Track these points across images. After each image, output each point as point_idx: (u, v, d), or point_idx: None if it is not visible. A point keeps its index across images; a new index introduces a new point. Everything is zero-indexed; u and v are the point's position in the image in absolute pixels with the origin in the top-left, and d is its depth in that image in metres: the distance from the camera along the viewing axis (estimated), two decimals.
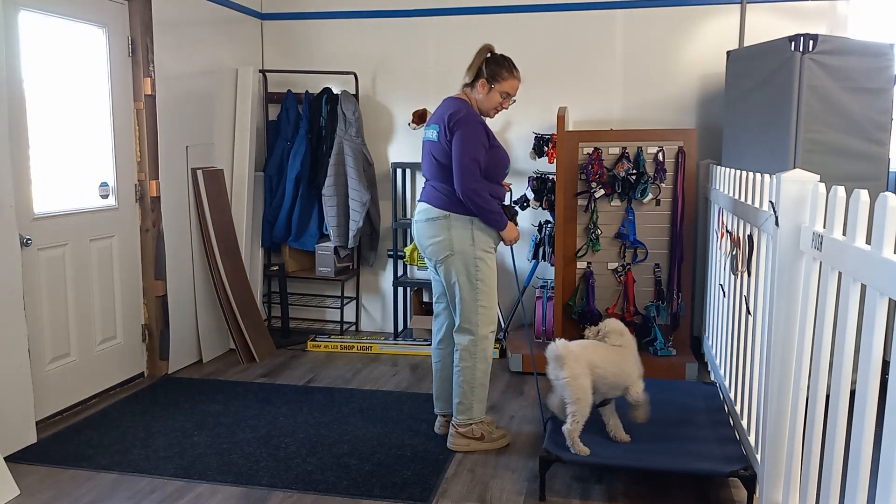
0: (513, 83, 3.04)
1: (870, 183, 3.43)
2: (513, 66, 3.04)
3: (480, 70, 3.02)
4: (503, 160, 3.06)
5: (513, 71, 3.04)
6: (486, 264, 3.04)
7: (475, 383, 3.09)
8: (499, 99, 3.04)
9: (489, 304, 3.07)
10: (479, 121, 2.98)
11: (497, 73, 3.00)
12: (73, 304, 3.57)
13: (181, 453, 3.08)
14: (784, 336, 2.28)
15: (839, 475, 1.86)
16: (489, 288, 3.06)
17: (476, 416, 3.12)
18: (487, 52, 3.05)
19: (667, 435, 2.88)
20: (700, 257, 4.37)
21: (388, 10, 4.80)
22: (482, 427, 3.13)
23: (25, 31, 3.25)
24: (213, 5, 4.46)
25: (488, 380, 3.15)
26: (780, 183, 2.25)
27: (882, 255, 1.57)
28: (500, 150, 3.05)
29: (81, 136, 3.62)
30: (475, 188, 2.91)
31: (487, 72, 3.01)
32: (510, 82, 3.03)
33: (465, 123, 2.93)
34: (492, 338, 3.12)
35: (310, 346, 4.66)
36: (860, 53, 3.39)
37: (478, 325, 3.06)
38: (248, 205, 4.70)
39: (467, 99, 3.06)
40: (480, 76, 3.02)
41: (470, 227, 3.00)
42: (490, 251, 3.06)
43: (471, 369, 3.08)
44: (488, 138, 2.98)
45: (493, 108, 3.07)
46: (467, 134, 2.92)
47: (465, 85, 3.08)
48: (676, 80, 4.51)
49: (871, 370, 1.62)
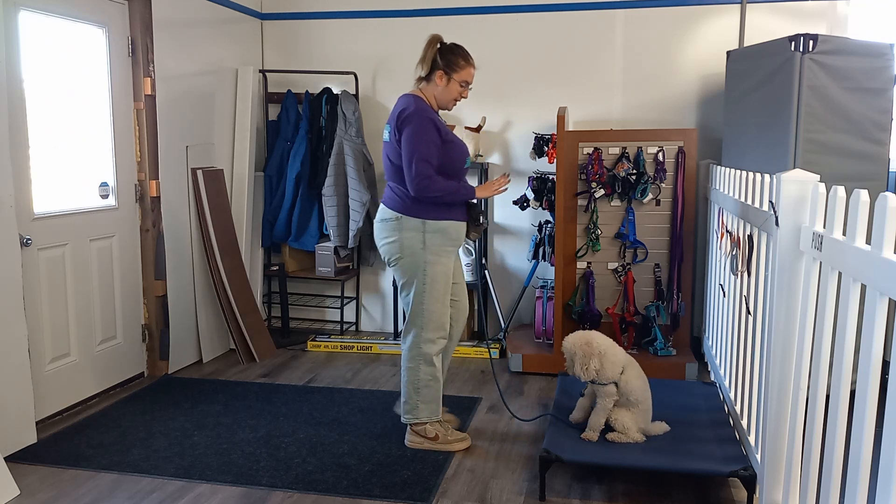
0: (469, 71, 2.98)
1: (870, 183, 3.43)
2: (468, 54, 2.98)
3: (435, 61, 2.93)
4: (459, 154, 2.97)
5: (468, 58, 2.98)
6: (437, 268, 2.98)
7: (419, 384, 3.07)
8: (458, 89, 2.98)
9: (437, 308, 3.02)
10: (428, 117, 2.87)
11: (453, 62, 2.94)
12: (73, 304, 3.57)
13: (181, 453, 3.08)
14: (784, 336, 2.28)
15: (839, 475, 1.86)
16: (439, 292, 3.00)
17: (423, 416, 3.09)
18: (438, 43, 2.96)
19: (667, 435, 2.89)
20: (700, 257, 4.37)
21: (388, 10, 4.80)
22: (436, 428, 3.11)
23: (25, 31, 3.25)
24: (213, 5, 4.46)
25: (438, 382, 3.10)
26: (780, 183, 2.25)
27: (882, 255, 1.57)
28: (455, 143, 2.97)
29: (81, 136, 3.62)
30: (426, 185, 2.84)
31: (443, 62, 2.92)
32: (467, 70, 2.96)
33: (412, 121, 2.85)
34: (439, 343, 3.07)
35: (310, 346, 4.66)
36: (860, 53, 3.39)
37: (422, 327, 3.03)
38: (248, 205, 4.70)
39: (421, 95, 2.98)
40: (437, 68, 2.93)
41: (421, 229, 2.94)
42: (443, 254, 2.98)
43: (414, 370, 3.07)
44: (440, 133, 2.89)
45: (453, 99, 2.99)
46: (415, 132, 2.84)
47: (418, 79, 3.00)
48: (676, 80, 4.52)
49: (871, 370, 1.62)
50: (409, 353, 3.08)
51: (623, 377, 2.85)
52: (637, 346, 4.15)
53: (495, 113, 4.76)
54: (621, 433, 2.81)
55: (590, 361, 2.81)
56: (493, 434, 3.30)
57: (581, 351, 2.83)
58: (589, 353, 2.83)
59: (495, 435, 3.29)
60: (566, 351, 2.90)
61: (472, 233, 3.10)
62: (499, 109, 4.76)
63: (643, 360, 3.81)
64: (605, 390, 2.85)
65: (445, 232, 2.97)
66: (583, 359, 2.82)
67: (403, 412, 3.13)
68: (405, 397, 3.11)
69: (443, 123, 2.97)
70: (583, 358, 2.82)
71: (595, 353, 2.83)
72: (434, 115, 2.93)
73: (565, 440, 2.84)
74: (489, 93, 4.76)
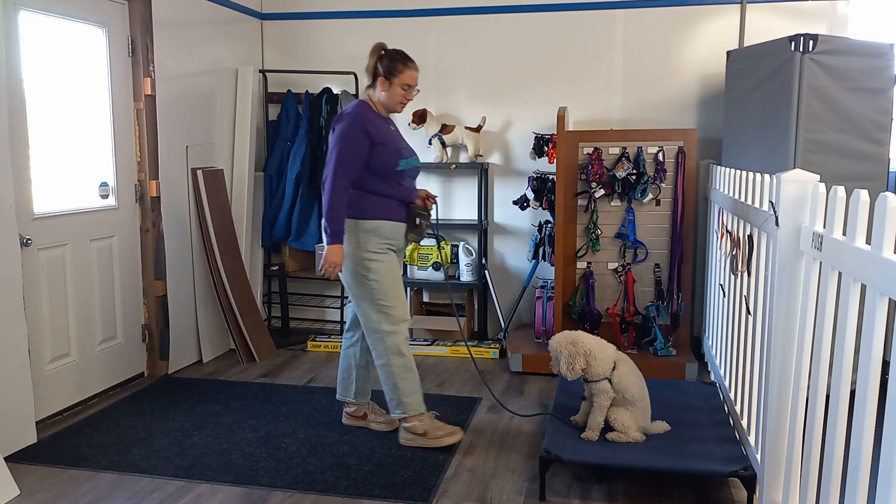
0: (410, 73, 3.05)
1: (870, 183, 3.43)
2: (406, 58, 3.06)
3: (376, 68, 3.05)
4: (389, 158, 3.00)
5: (407, 62, 3.05)
6: (379, 264, 3.03)
7: (395, 379, 3.10)
8: (401, 92, 3.05)
9: (391, 301, 3.06)
10: (358, 121, 2.95)
11: (392, 67, 3.02)
12: (73, 304, 3.57)
13: (181, 453, 3.08)
14: (784, 336, 2.28)
15: (839, 475, 1.86)
16: (388, 287, 3.04)
17: (410, 410, 3.12)
18: (381, 51, 3.07)
19: (667, 435, 2.89)
20: (700, 257, 4.37)
21: (388, 10, 4.81)
22: (424, 423, 3.13)
23: (25, 31, 3.25)
24: (213, 5, 4.46)
25: (413, 373, 3.12)
26: (780, 183, 2.25)
27: (882, 255, 1.57)
28: (387, 147, 3.01)
29: (81, 136, 3.62)
30: (334, 188, 2.91)
31: (383, 68, 3.03)
32: (407, 73, 3.04)
33: (341, 124, 2.97)
34: (402, 331, 3.10)
35: (310, 346, 4.66)
36: (860, 53, 3.39)
37: (381, 323, 3.06)
38: (248, 205, 4.70)
39: (368, 101, 3.08)
40: (378, 74, 3.05)
41: (355, 230, 3.00)
42: (382, 251, 3.04)
43: (386, 366, 3.10)
44: (369, 136, 2.95)
45: (398, 102, 3.07)
46: (339, 135, 2.95)
47: (367, 87, 3.11)
48: (676, 80, 4.52)
49: (871, 370, 1.62)
50: (376, 351, 3.11)
51: (616, 373, 2.85)
52: (637, 346, 4.16)
53: (495, 113, 4.76)
54: (621, 432, 2.82)
55: (575, 361, 2.82)
56: (493, 434, 3.30)
57: (566, 350, 2.84)
58: (574, 353, 2.83)
59: (495, 435, 3.29)
60: (552, 350, 2.91)
61: (411, 234, 3.15)
62: (499, 109, 4.76)
63: (643, 360, 3.82)
64: (598, 387, 2.85)
65: (379, 232, 3.02)
66: (568, 358, 2.83)
67: (391, 408, 3.17)
68: (387, 395, 3.15)
69: (383, 126, 3.04)
70: (568, 357, 2.83)
71: (580, 352, 2.83)
72: (370, 120, 2.99)
73: (565, 440, 2.84)
74: (489, 93, 4.76)
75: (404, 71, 3.03)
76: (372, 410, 3.36)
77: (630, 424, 2.83)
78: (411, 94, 3.10)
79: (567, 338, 2.88)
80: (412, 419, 3.13)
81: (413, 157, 3.15)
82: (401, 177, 3.07)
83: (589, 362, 2.83)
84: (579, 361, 2.82)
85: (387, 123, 3.12)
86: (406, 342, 3.12)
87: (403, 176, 3.08)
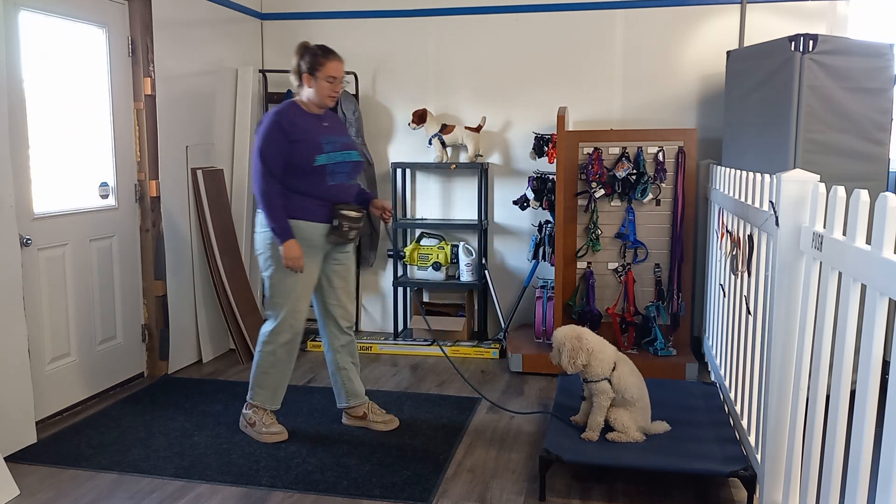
0: (332, 65, 3.06)
1: (870, 183, 3.43)
2: (328, 51, 3.08)
3: (300, 67, 3.08)
4: (306, 154, 3.01)
5: (328, 55, 3.07)
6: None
7: (259, 370, 3.20)
8: (327, 85, 3.06)
9: (289, 304, 3.10)
10: (275, 120, 3.00)
11: (313, 62, 3.04)
12: (73, 304, 3.57)
13: (181, 453, 3.08)
14: (784, 336, 2.28)
15: (839, 475, 1.86)
16: (292, 290, 3.08)
17: (256, 399, 3.22)
18: (303, 49, 3.10)
19: (667, 435, 2.89)
20: (700, 257, 4.37)
21: (388, 10, 4.80)
22: (258, 415, 3.21)
23: (25, 31, 3.25)
24: (213, 5, 4.46)
25: (278, 370, 3.18)
26: (780, 183, 2.25)
27: (882, 255, 1.57)
28: (305, 143, 3.02)
29: (81, 136, 3.62)
30: (262, 189, 2.98)
31: (305, 65, 3.06)
32: (329, 65, 3.05)
33: (263, 123, 3.03)
34: (284, 336, 3.13)
35: (310, 346, 4.65)
36: (860, 53, 3.39)
37: (275, 318, 3.13)
38: (248, 205, 4.70)
39: (298, 100, 3.12)
40: (302, 72, 3.07)
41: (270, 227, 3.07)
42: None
43: (260, 353, 3.19)
44: (286, 134, 2.99)
45: (327, 95, 3.08)
46: (259, 134, 3.02)
47: (297, 87, 3.14)
48: (676, 80, 4.52)
49: (871, 370, 1.62)
50: (262, 339, 3.19)
51: (615, 374, 2.85)
52: (637, 346, 4.16)
53: (495, 113, 4.76)
54: (621, 432, 2.82)
55: (577, 356, 2.83)
56: (493, 434, 3.30)
57: (570, 344, 2.84)
58: (577, 348, 2.83)
59: (495, 435, 3.29)
60: (555, 341, 2.91)
61: (332, 236, 3.13)
62: (499, 109, 4.76)
63: (643, 360, 3.82)
64: (598, 387, 2.84)
65: (296, 231, 3.03)
66: (571, 352, 2.83)
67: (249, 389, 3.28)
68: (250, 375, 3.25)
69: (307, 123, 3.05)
70: (571, 351, 2.83)
71: (583, 348, 2.84)
72: (289, 118, 3.02)
73: (565, 440, 2.84)
74: (489, 93, 4.76)
75: (326, 64, 3.05)
76: (371, 410, 3.36)
77: (630, 424, 2.83)
78: (339, 86, 3.11)
79: (573, 332, 2.89)
80: (252, 406, 3.24)
81: (342, 153, 3.11)
82: (321, 173, 3.05)
83: (590, 361, 2.84)
84: (581, 357, 2.83)
85: (319, 120, 3.12)
86: (291, 347, 3.17)
87: (325, 172, 3.05)
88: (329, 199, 3.09)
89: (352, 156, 3.16)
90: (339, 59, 3.09)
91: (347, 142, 3.18)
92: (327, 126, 3.14)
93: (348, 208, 3.12)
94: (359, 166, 3.22)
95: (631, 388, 2.84)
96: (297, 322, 3.14)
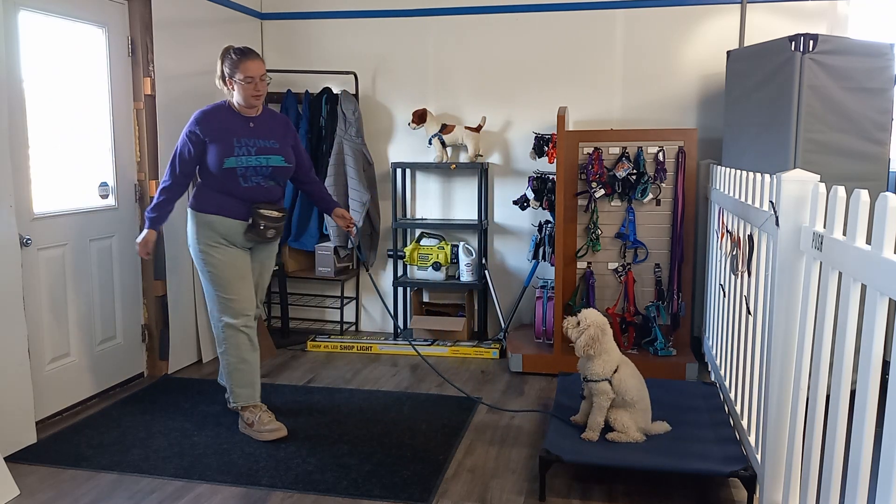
0: (247, 65, 3.08)
1: (870, 183, 3.43)
2: (243, 52, 3.10)
3: (223, 72, 3.13)
4: (216, 156, 3.09)
5: (243, 57, 3.09)
6: (215, 256, 3.16)
7: (229, 369, 3.25)
8: (247, 86, 3.09)
9: (226, 293, 3.18)
10: (194, 120, 3.12)
11: (231, 66, 3.09)
12: (72, 304, 3.57)
13: (181, 453, 3.08)
14: (784, 336, 2.28)
15: (839, 475, 1.86)
16: (224, 279, 3.16)
17: (241, 400, 3.26)
18: (224, 53, 3.13)
19: (667, 435, 2.89)
20: (700, 257, 4.37)
21: (388, 10, 4.80)
22: (251, 414, 3.25)
23: (25, 31, 3.25)
24: (213, 5, 4.46)
25: (247, 364, 3.24)
26: (780, 183, 2.25)
27: (882, 255, 1.57)
28: (218, 145, 3.09)
29: (81, 136, 3.62)
30: (162, 181, 3.19)
31: (224, 71, 3.12)
32: (244, 66, 3.07)
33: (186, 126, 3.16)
34: (239, 326, 3.20)
35: (310, 346, 4.66)
36: (860, 53, 3.39)
37: (217, 313, 3.21)
38: None
39: (231, 101, 3.18)
40: (224, 77, 3.14)
41: (195, 221, 3.17)
42: (217, 244, 3.15)
43: (223, 355, 3.26)
44: (199, 135, 3.09)
45: (250, 96, 3.11)
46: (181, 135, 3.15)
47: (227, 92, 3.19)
48: (676, 80, 4.51)
49: (871, 370, 1.62)
50: (217, 340, 3.27)
51: (616, 376, 2.85)
52: (637, 346, 4.15)
53: (495, 113, 4.76)
54: (621, 432, 2.82)
55: (594, 345, 2.85)
56: (493, 434, 3.30)
57: (595, 331, 2.87)
58: (597, 339, 2.86)
59: (495, 435, 3.29)
60: (583, 319, 2.90)
61: (248, 234, 3.18)
62: (499, 109, 4.76)
63: (643, 360, 3.82)
64: (597, 388, 2.85)
65: (212, 226, 3.14)
66: (590, 340, 2.85)
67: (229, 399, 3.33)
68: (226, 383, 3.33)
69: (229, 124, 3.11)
70: (591, 339, 2.85)
71: (602, 342, 2.86)
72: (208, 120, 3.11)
73: (565, 440, 2.84)
74: (489, 93, 4.76)
75: (240, 65, 3.07)
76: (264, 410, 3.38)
77: (630, 425, 2.83)
78: (262, 86, 3.13)
79: (602, 322, 2.91)
80: (243, 410, 3.27)
81: (256, 157, 3.13)
82: (233, 175, 3.11)
83: (598, 357, 2.85)
84: (595, 348, 2.85)
85: (246, 122, 3.16)
86: (245, 334, 3.23)
87: (236, 175, 3.11)
88: (246, 200, 3.16)
89: (270, 160, 3.17)
90: (255, 59, 3.10)
91: (271, 146, 3.18)
92: (253, 128, 3.17)
93: (268, 208, 3.19)
94: (282, 171, 3.22)
95: (631, 391, 2.85)
96: (247, 308, 3.22)
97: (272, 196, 3.24)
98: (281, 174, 3.23)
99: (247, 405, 3.26)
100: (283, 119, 3.35)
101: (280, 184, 3.27)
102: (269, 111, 3.29)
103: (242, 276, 3.21)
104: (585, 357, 2.88)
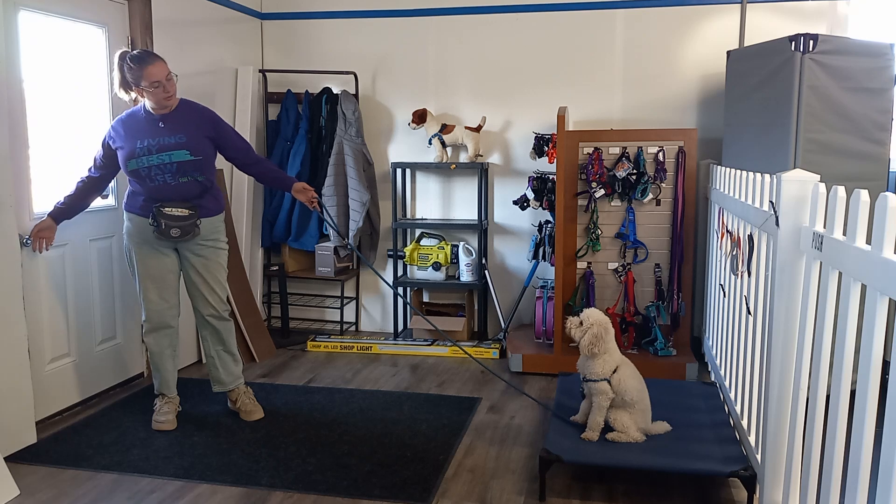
0: (150, 71, 3.04)
1: (870, 183, 3.43)
2: (142, 59, 3.05)
3: (125, 80, 3.09)
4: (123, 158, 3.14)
5: (143, 64, 3.03)
6: (132, 253, 3.27)
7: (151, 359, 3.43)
8: (156, 91, 3.07)
9: (140, 292, 3.31)
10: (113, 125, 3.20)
11: (134, 76, 3.06)
12: (72, 304, 3.56)
13: (181, 453, 3.08)
14: (784, 336, 2.28)
15: (839, 475, 1.86)
16: (138, 278, 3.29)
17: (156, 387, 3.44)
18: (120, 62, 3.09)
19: (667, 435, 2.89)
20: (700, 257, 4.37)
21: (388, 10, 4.80)
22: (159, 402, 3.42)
23: (25, 31, 3.25)
24: (213, 5, 4.46)
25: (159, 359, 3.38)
26: (780, 183, 2.25)
27: (882, 255, 1.57)
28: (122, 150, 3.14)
29: (81, 136, 3.62)
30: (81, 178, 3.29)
31: (127, 79, 3.09)
32: (147, 72, 3.03)
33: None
34: (146, 328, 3.34)
35: (310, 346, 4.65)
36: (860, 53, 3.39)
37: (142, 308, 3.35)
38: (248, 205, 4.69)
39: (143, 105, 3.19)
40: (129, 87, 3.11)
41: (124, 219, 3.28)
42: (134, 242, 3.24)
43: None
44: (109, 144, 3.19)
45: (161, 99, 3.10)
46: None
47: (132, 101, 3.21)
48: (676, 80, 4.51)
49: (871, 370, 1.62)
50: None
51: (616, 376, 2.85)
52: (637, 346, 4.15)
53: (495, 113, 4.76)
54: (621, 432, 2.82)
55: (597, 344, 2.85)
56: (493, 434, 3.30)
57: (598, 330, 2.87)
58: (600, 338, 2.86)
59: (495, 435, 3.29)
60: (586, 317, 2.91)
61: (154, 233, 3.20)
62: (499, 109, 4.76)
63: (643, 360, 3.82)
64: (597, 388, 2.85)
65: (131, 225, 3.26)
66: (593, 338, 2.85)
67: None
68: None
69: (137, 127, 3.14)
70: (594, 338, 2.85)
71: (605, 342, 2.87)
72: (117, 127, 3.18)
73: (565, 440, 2.84)
74: (489, 93, 4.76)
75: (143, 73, 3.04)
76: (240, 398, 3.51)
77: (630, 425, 2.83)
78: (170, 86, 3.11)
79: (605, 322, 2.91)
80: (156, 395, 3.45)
81: (157, 156, 3.11)
82: (139, 176, 3.15)
83: (599, 356, 2.86)
84: (598, 347, 2.85)
85: (156, 122, 3.15)
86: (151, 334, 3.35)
87: (140, 176, 3.14)
88: (156, 199, 3.17)
89: (173, 156, 3.13)
90: (156, 62, 3.06)
91: (176, 141, 3.13)
92: (162, 127, 3.15)
93: (174, 206, 3.16)
94: (189, 165, 3.15)
95: (631, 391, 2.85)
96: (151, 313, 3.31)
97: (187, 193, 3.18)
98: (190, 168, 3.15)
99: (158, 392, 3.42)
100: (200, 110, 3.26)
101: (197, 179, 3.19)
102: (185, 104, 3.23)
103: (153, 276, 3.27)
104: (589, 356, 2.88)
